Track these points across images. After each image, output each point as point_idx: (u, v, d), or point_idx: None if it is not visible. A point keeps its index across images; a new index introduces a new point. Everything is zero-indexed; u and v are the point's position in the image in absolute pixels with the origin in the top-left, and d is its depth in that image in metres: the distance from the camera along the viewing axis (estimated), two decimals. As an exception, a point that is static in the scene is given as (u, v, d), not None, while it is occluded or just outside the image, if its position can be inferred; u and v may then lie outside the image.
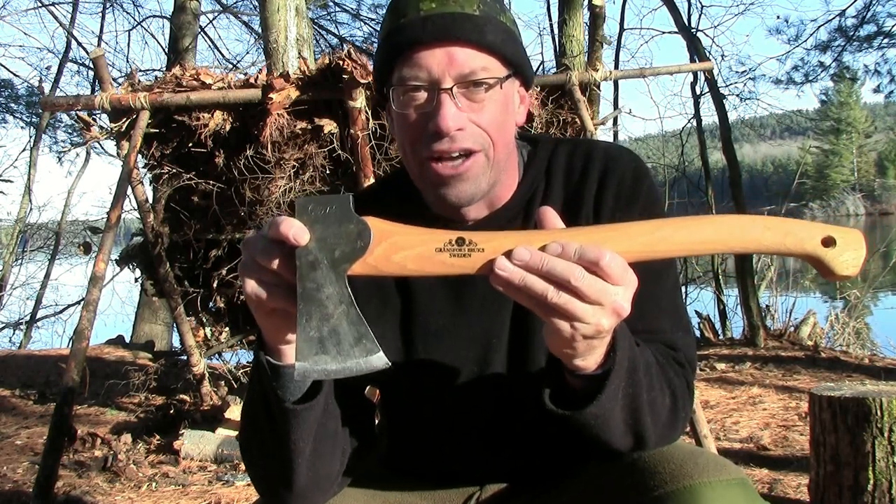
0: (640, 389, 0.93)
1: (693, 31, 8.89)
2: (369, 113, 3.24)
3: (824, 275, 0.86)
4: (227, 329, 4.01)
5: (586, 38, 4.15)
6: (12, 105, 11.93)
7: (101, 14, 11.68)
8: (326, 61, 3.28)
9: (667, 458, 1.01)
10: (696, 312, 7.33)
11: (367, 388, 1.21)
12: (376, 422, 1.36)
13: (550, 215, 0.85)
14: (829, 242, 0.84)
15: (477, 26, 0.99)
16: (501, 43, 1.01)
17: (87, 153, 11.33)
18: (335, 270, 0.84)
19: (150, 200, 3.69)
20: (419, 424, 1.15)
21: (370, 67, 3.07)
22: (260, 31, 5.53)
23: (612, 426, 0.93)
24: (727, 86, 9.95)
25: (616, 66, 9.52)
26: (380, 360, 0.85)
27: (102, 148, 10.14)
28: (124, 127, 3.38)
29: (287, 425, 0.95)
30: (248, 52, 12.18)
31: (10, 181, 11.09)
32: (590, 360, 0.86)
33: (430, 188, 1.06)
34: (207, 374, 4.02)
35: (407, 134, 1.04)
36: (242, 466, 3.20)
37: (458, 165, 1.02)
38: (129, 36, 12.05)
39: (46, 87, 11.02)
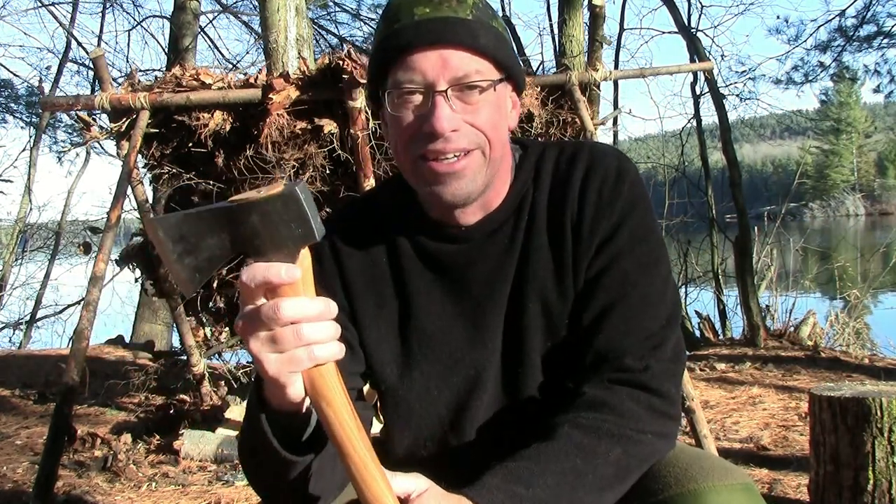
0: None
1: (693, 31, 8.89)
2: (369, 113, 3.23)
3: None
4: (227, 329, 4.00)
5: (586, 38, 4.14)
6: (12, 105, 11.93)
7: (101, 14, 11.68)
8: (326, 61, 3.27)
9: (672, 462, 1.01)
10: (697, 312, 7.33)
11: (367, 390, 1.21)
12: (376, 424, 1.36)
13: None
14: None
15: (471, 30, 1.01)
16: (494, 47, 1.03)
17: (87, 153, 11.34)
18: None
19: (150, 200, 3.68)
20: (416, 426, 1.15)
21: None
22: (260, 31, 5.53)
23: None
24: (727, 86, 9.97)
25: (616, 66, 9.51)
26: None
27: (102, 148, 10.15)
28: (124, 127, 3.38)
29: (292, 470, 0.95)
30: (248, 52, 12.15)
31: (10, 181, 11.12)
32: None
33: (423, 186, 1.06)
34: (207, 374, 4.02)
35: (401, 134, 1.05)
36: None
37: (453, 162, 1.03)
38: (129, 36, 12.06)
39: (46, 87, 11.02)
